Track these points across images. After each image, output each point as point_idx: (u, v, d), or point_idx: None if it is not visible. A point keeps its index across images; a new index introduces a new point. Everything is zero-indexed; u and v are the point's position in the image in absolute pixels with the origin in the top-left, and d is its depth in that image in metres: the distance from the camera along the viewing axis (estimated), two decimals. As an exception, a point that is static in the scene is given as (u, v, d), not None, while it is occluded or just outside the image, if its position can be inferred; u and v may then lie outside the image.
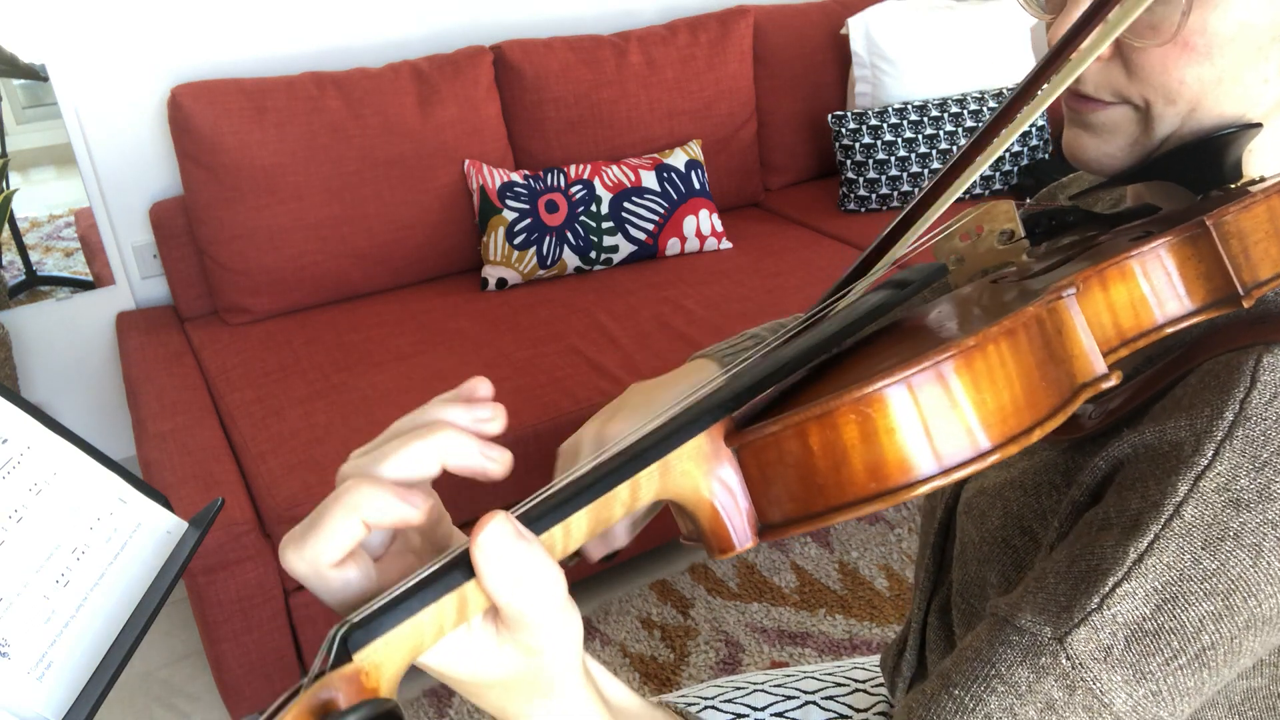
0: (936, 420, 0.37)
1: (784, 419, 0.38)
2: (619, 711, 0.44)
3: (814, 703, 0.90)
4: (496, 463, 0.39)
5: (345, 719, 0.30)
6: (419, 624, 0.34)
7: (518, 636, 0.37)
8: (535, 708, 0.40)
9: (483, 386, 0.41)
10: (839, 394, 0.37)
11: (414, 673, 1.82)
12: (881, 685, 0.92)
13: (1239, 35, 0.51)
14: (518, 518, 0.36)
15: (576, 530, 0.37)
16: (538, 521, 0.37)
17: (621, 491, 0.38)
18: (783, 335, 0.56)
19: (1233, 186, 0.54)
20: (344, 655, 0.33)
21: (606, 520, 0.38)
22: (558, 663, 0.39)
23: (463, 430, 0.38)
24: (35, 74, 2.05)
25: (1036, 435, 0.39)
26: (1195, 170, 0.55)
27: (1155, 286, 0.47)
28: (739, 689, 0.92)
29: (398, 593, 0.35)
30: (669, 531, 1.97)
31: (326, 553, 0.36)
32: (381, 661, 0.34)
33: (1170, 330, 0.47)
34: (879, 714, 0.90)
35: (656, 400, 0.72)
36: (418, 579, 0.35)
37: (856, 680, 0.93)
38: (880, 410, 0.37)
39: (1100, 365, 0.44)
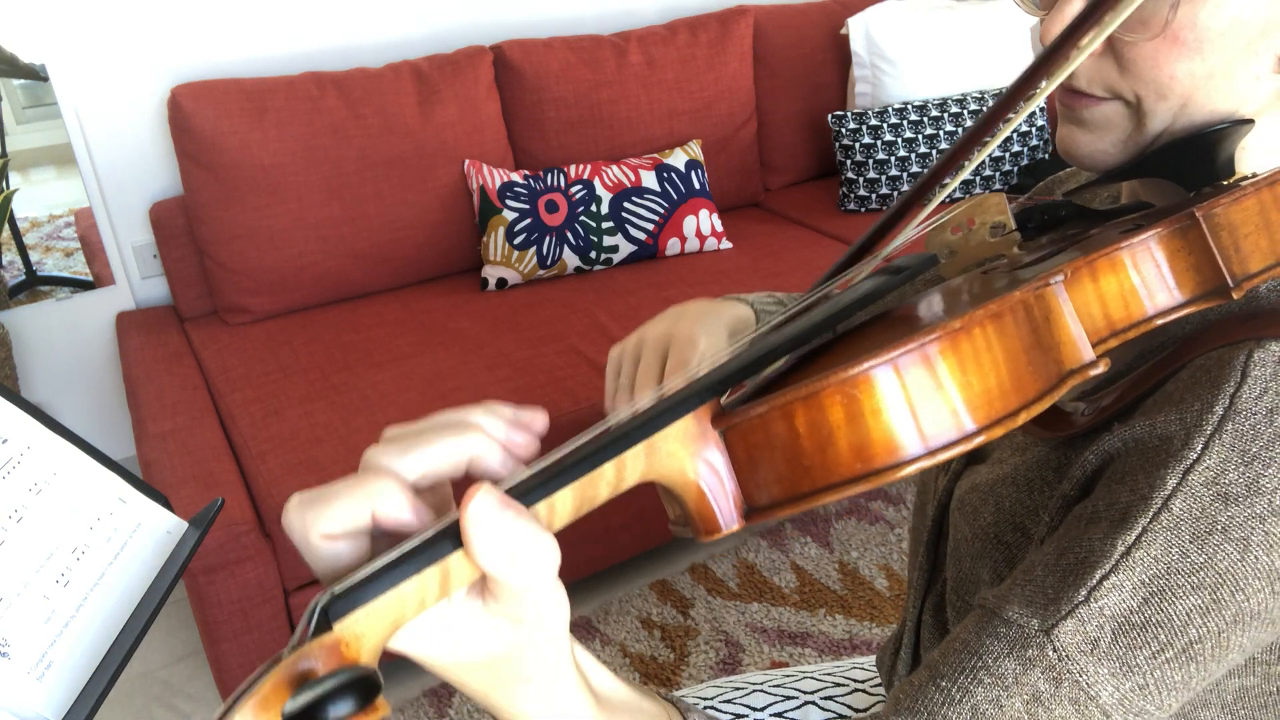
0: (922, 401, 0.37)
1: (770, 400, 0.38)
2: (606, 701, 0.44)
3: (813, 703, 0.90)
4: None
5: (321, 685, 0.30)
6: (401, 595, 0.34)
7: (506, 607, 0.37)
8: (520, 694, 0.40)
9: (539, 421, 0.41)
10: (824, 375, 0.37)
11: (413, 672, 1.83)
12: (881, 685, 0.92)
13: (1229, 30, 0.51)
14: (505, 492, 0.37)
15: (561, 508, 0.38)
16: (523, 497, 0.37)
17: (607, 471, 0.38)
18: (773, 321, 0.56)
19: (1225, 183, 0.54)
20: (324, 625, 0.33)
21: (592, 499, 0.38)
22: (543, 639, 0.39)
23: (495, 441, 0.39)
24: (35, 74, 2.05)
25: (1022, 418, 0.39)
26: (1188, 167, 0.55)
27: (1145, 278, 0.47)
28: (738, 689, 0.92)
29: (381, 564, 0.35)
30: (669, 532, 1.97)
31: (325, 525, 0.36)
32: (363, 632, 0.34)
33: (1160, 321, 0.48)
34: (874, 715, 0.90)
35: (712, 314, 0.73)
36: (402, 551, 0.35)
37: (856, 680, 0.93)
38: (866, 391, 0.37)
39: (1088, 353, 0.44)
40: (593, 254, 2.33)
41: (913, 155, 2.57)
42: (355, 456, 1.68)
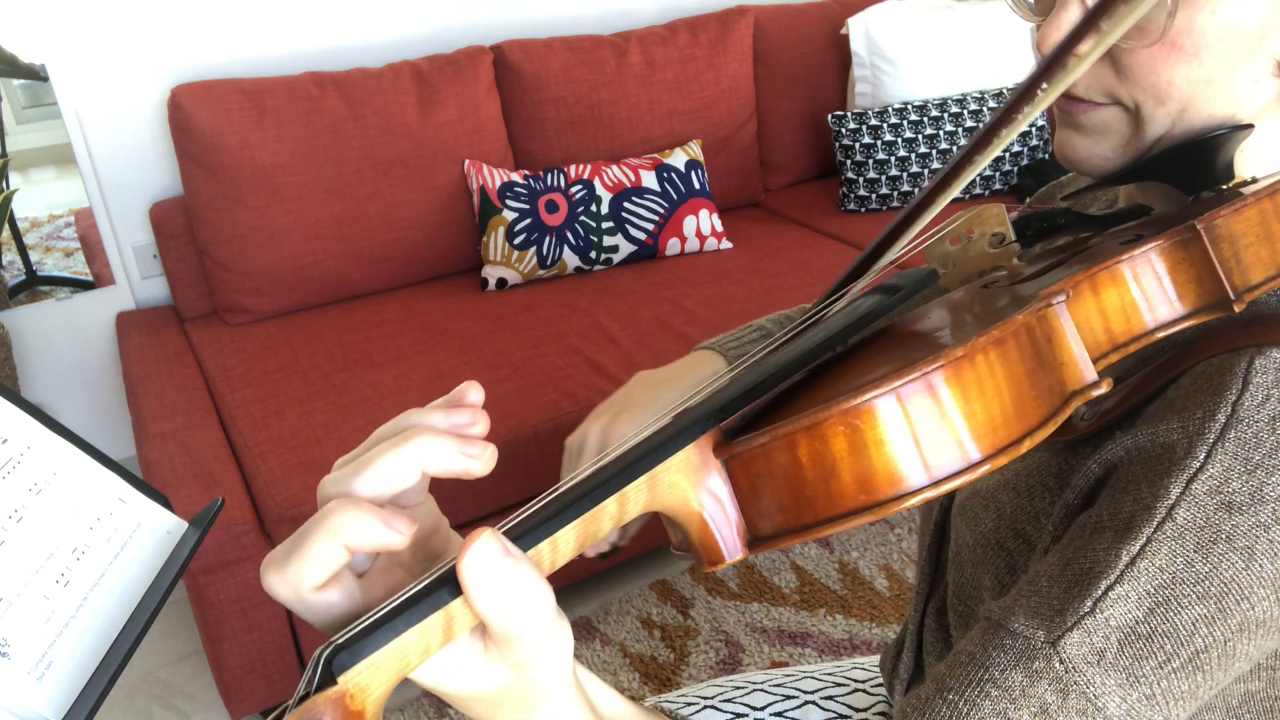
0: (926, 432, 0.37)
1: (772, 430, 0.37)
2: None
3: (813, 702, 0.90)
4: (477, 459, 0.38)
5: None
6: (404, 645, 0.34)
7: (506, 653, 0.37)
8: None
9: (473, 392, 0.40)
10: (827, 405, 0.36)
11: (414, 673, 1.82)
12: (881, 685, 0.92)
13: (1226, 35, 0.51)
14: (504, 534, 0.36)
15: (564, 546, 0.37)
16: (524, 538, 0.36)
17: (609, 506, 0.37)
18: (774, 342, 0.56)
19: (1225, 188, 0.54)
20: (329, 677, 0.33)
21: (594, 534, 0.38)
22: (546, 677, 0.38)
23: (440, 433, 0.38)
24: (35, 74, 2.05)
25: (1026, 446, 0.39)
26: (1187, 171, 0.55)
27: (1146, 291, 0.47)
28: (739, 689, 0.92)
29: (383, 612, 0.34)
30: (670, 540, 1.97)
31: (308, 577, 0.35)
32: (367, 683, 0.33)
33: (1161, 335, 0.47)
34: (878, 714, 0.90)
35: (661, 397, 0.73)
36: (403, 598, 0.35)
37: (856, 680, 0.93)
38: (869, 422, 0.36)
39: (1090, 373, 0.43)
40: (593, 254, 2.33)
41: (913, 155, 2.57)
42: (355, 456, 1.68)
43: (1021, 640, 0.49)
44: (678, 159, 2.43)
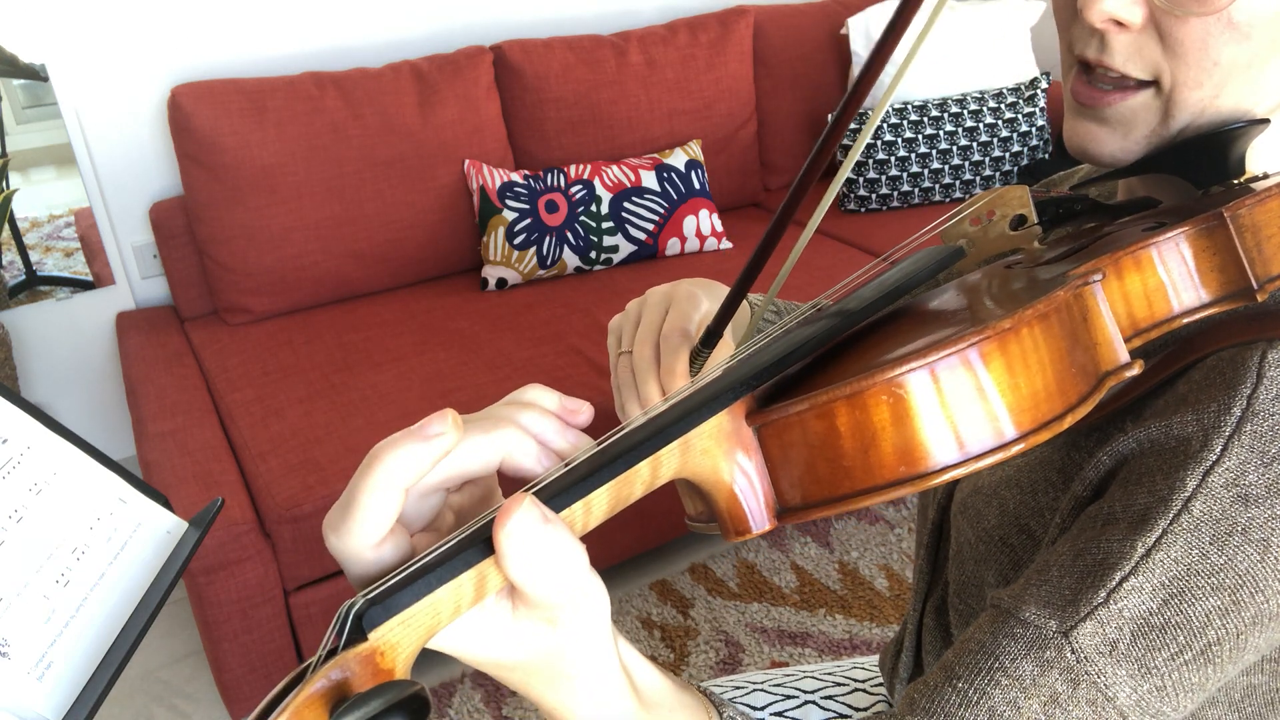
0: (969, 403, 0.36)
1: (810, 398, 0.36)
2: (649, 699, 0.43)
3: (813, 702, 0.90)
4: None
5: (369, 703, 0.29)
6: (436, 602, 0.33)
7: (535, 613, 0.36)
8: (562, 689, 0.39)
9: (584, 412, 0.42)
10: (870, 373, 0.36)
11: (420, 667, 1.82)
12: (881, 685, 0.92)
13: (1274, 18, 0.51)
14: (537, 494, 0.35)
15: (597, 508, 0.37)
16: (557, 498, 0.36)
17: (643, 469, 0.37)
18: (796, 318, 0.55)
19: (1235, 183, 0.54)
20: (358, 633, 0.31)
21: (626, 498, 0.37)
22: (582, 641, 0.38)
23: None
24: (35, 74, 2.05)
25: (1068, 422, 0.38)
26: (1203, 165, 0.55)
27: (1173, 276, 0.47)
28: (739, 688, 0.92)
29: (415, 568, 0.33)
30: (669, 532, 1.97)
31: (368, 533, 0.34)
32: (398, 641, 0.32)
33: (1186, 320, 0.47)
34: (879, 713, 0.89)
35: (713, 285, 0.69)
36: (436, 553, 0.34)
37: (856, 680, 0.93)
38: (913, 391, 0.36)
39: (1123, 353, 0.44)
40: (593, 254, 2.33)
41: (913, 155, 2.57)
42: (355, 456, 1.68)
43: (1033, 629, 0.49)
44: (678, 159, 2.43)
